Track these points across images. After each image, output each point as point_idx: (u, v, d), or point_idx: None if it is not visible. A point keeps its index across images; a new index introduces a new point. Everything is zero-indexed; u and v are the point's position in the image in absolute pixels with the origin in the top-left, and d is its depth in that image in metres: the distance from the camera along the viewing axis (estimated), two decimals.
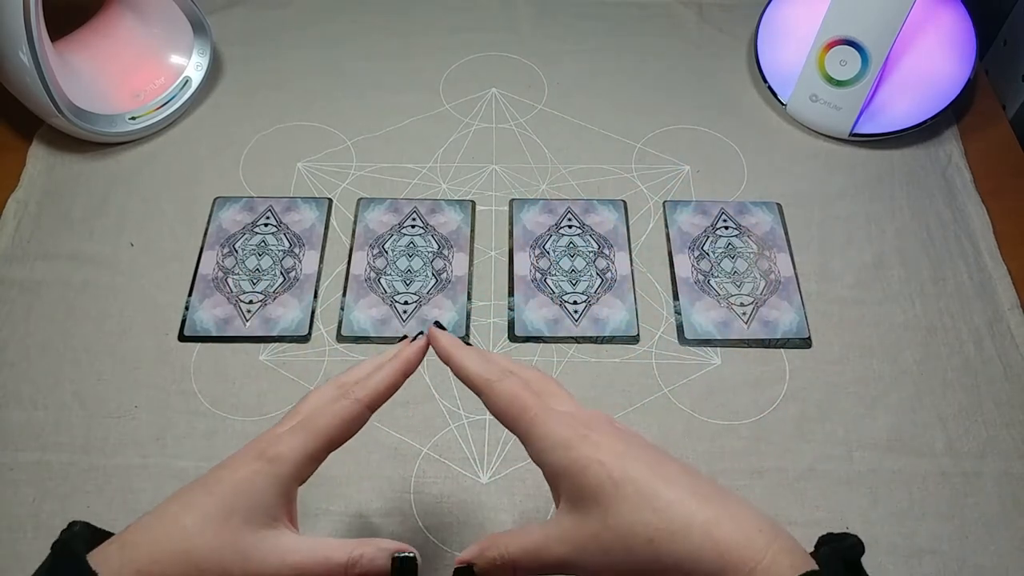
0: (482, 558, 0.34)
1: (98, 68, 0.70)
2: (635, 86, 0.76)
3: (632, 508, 0.31)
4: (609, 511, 0.31)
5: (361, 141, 0.71)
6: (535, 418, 0.35)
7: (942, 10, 0.69)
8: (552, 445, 0.34)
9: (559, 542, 0.33)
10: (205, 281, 0.62)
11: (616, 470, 0.32)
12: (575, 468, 0.33)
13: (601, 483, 0.32)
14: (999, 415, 0.56)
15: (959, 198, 0.68)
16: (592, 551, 0.32)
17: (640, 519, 0.31)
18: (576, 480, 0.32)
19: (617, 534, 0.31)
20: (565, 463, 0.33)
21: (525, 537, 0.33)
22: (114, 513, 0.51)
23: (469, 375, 0.37)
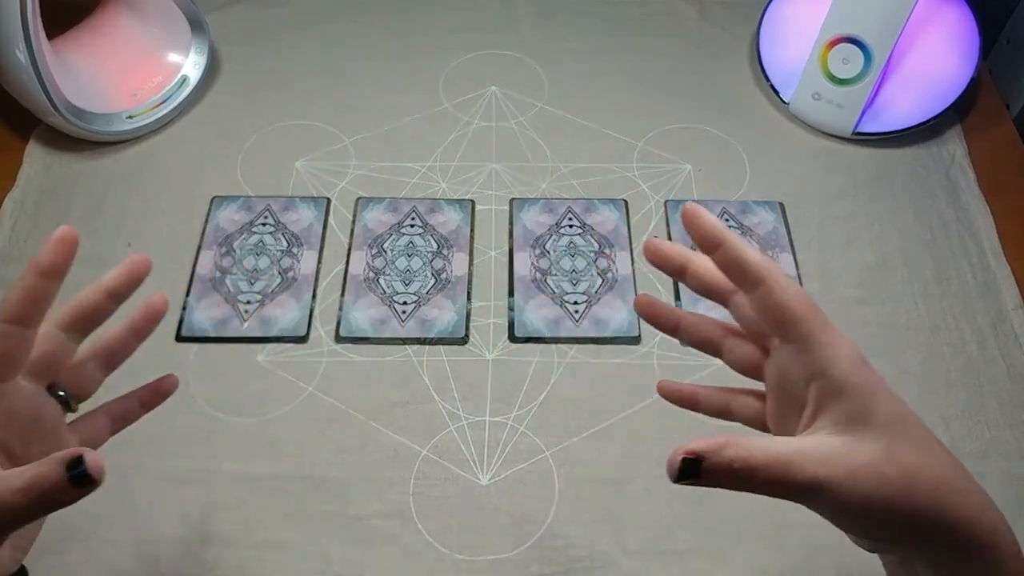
0: (718, 455, 0.28)
1: (95, 67, 0.69)
2: (636, 85, 0.76)
3: (922, 451, 0.29)
4: (899, 444, 0.29)
5: (360, 140, 0.71)
6: (827, 322, 0.31)
7: (945, 8, 0.69)
8: (843, 356, 0.30)
9: (820, 462, 0.29)
10: (202, 281, 0.62)
11: (905, 412, 0.30)
12: (868, 388, 0.30)
13: (895, 413, 0.30)
14: (1002, 415, 0.56)
15: (962, 197, 0.68)
16: (865, 479, 0.28)
17: (930, 463, 0.29)
18: (866, 401, 0.29)
19: (903, 469, 0.29)
20: (856, 380, 0.30)
21: (773, 445, 0.29)
22: (111, 514, 0.51)
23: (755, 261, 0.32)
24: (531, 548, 0.51)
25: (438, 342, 0.59)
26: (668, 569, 0.50)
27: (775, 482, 0.29)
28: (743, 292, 0.33)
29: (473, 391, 0.57)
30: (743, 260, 0.32)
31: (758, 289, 0.32)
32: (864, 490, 0.28)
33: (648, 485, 0.53)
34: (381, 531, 0.51)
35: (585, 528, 0.51)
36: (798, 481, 0.28)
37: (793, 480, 0.28)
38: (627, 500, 0.52)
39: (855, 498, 0.28)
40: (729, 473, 0.28)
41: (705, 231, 0.33)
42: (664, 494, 0.53)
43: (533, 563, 0.50)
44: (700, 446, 0.28)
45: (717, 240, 0.33)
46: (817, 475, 0.28)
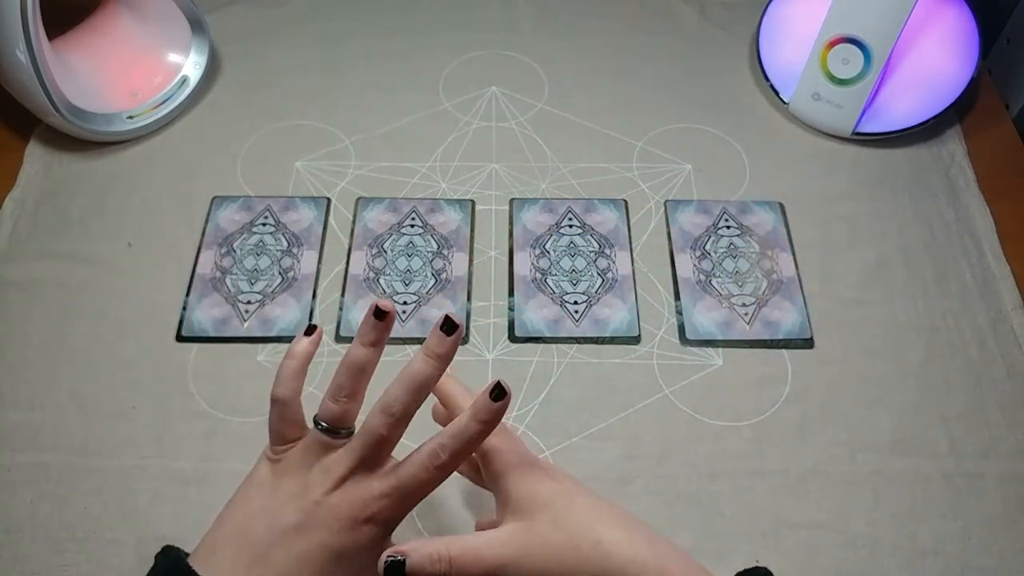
0: (417, 552, 0.34)
1: (96, 67, 0.69)
2: (636, 85, 0.76)
3: (583, 515, 0.35)
4: (560, 515, 0.35)
5: (360, 140, 0.71)
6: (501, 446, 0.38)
7: (945, 8, 0.69)
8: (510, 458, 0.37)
9: (502, 544, 0.35)
10: (203, 281, 0.62)
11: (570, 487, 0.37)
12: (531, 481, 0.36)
13: (555, 493, 0.36)
14: (1002, 416, 0.56)
15: (962, 197, 0.68)
16: (538, 552, 0.34)
17: (589, 524, 0.35)
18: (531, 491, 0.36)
19: (567, 535, 0.34)
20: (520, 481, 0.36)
21: (466, 538, 0.35)
22: (112, 514, 0.51)
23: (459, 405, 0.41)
24: None
25: None
26: None
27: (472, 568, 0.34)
28: None
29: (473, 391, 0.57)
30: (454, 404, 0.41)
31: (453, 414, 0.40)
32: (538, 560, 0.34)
33: (648, 485, 0.53)
34: None
35: None
36: (489, 563, 0.34)
37: (486, 562, 0.34)
38: (627, 500, 0.52)
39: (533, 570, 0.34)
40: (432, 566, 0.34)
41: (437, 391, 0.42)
42: (664, 494, 0.53)
43: None
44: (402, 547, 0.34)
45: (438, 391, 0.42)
46: (502, 555, 0.34)
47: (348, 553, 0.36)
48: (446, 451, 0.36)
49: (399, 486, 0.36)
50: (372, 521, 0.36)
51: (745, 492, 0.53)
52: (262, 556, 0.35)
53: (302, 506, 0.36)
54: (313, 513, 0.36)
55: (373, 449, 0.37)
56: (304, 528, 0.36)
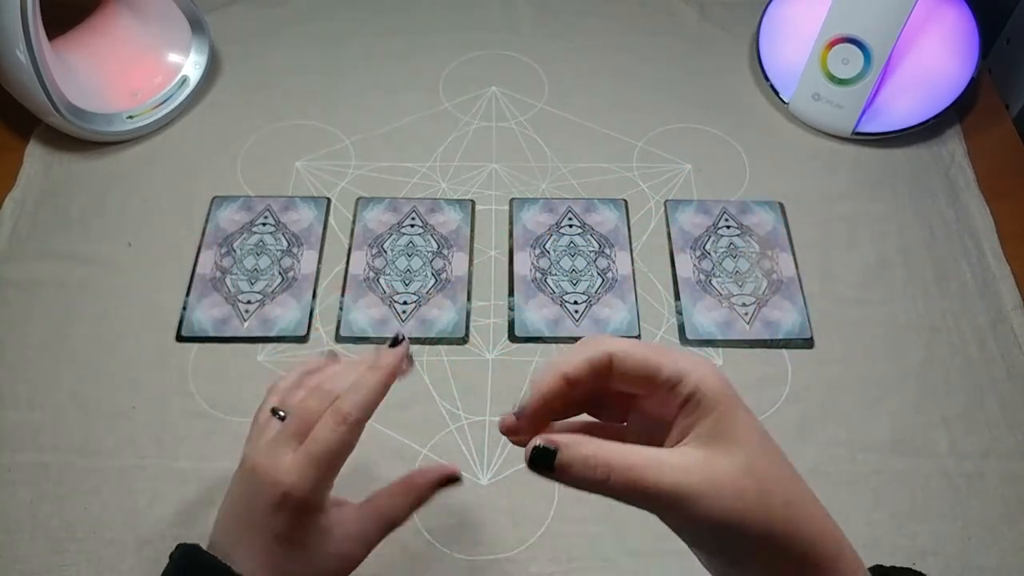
0: (573, 449, 0.28)
1: (96, 67, 0.69)
2: (636, 85, 0.76)
3: (777, 468, 0.30)
4: (755, 460, 0.29)
5: (360, 140, 0.71)
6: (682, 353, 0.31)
7: (945, 8, 0.69)
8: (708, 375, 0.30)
9: (680, 470, 0.28)
10: (203, 281, 0.62)
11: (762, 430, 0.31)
12: (731, 404, 0.30)
13: (751, 430, 0.30)
14: (1002, 416, 0.56)
15: (962, 197, 0.68)
16: (721, 491, 0.28)
17: (782, 479, 0.30)
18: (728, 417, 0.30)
19: (759, 484, 0.29)
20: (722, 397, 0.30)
21: (633, 449, 0.29)
22: (112, 514, 0.51)
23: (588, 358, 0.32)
24: (531, 548, 0.51)
25: (438, 342, 0.59)
26: (668, 569, 0.50)
27: (633, 484, 0.28)
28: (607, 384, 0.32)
29: (473, 391, 0.57)
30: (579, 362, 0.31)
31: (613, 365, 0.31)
32: (723, 502, 0.28)
33: None
34: None
35: (585, 528, 0.51)
36: (658, 486, 0.28)
37: (653, 485, 0.28)
38: None
39: (714, 510, 0.28)
40: (585, 469, 0.28)
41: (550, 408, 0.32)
42: None
43: (533, 563, 0.50)
44: (556, 438, 0.28)
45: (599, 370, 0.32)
46: (679, 483, 0.28)
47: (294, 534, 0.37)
48: (345, 403, 0.37)
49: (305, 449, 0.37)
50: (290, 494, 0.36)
51: None
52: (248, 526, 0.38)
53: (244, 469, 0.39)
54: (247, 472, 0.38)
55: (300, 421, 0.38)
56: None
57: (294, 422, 0.38)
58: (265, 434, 0.39)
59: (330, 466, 0.37)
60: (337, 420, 0.37)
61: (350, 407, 0.37)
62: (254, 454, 0.38)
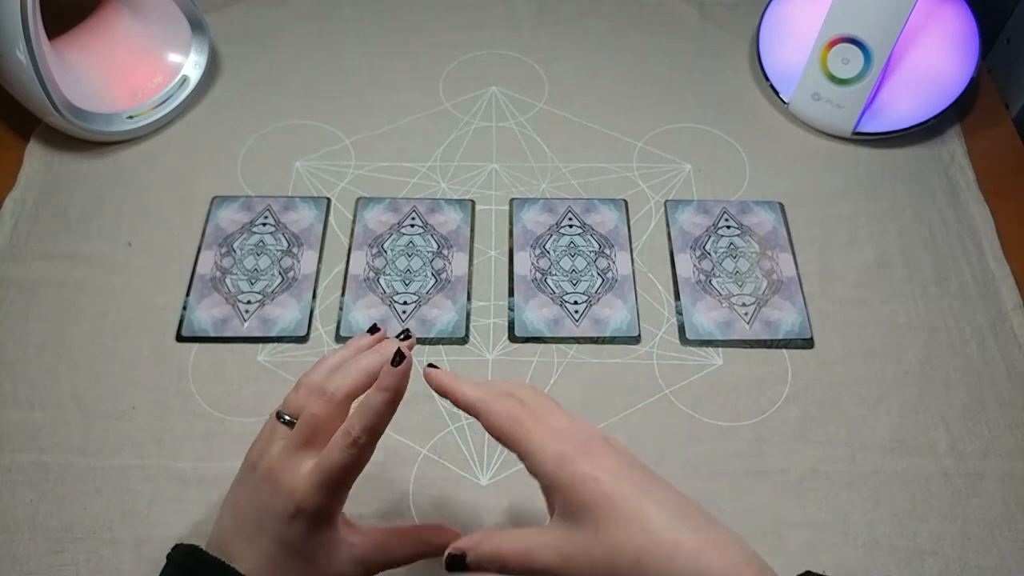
0: (476, 551, 0.35)
1: (95, 67, 0.69)
2: (636, 84, 0.76)
3: (623, 526, 0.32)
4: (600, 526, 0.32)
5: (360, 140, 0.71)
6: (529, 434, 0.36)
7: (945, 8, 0.69)
8: (547, 459, 0.35)
9: (548, 549, 0.34)
10: (203, 281, 0.62)
11: (610, 487, 0.33)
12: (569, 482, 0.34)
13: (595, 499, 0.33)
14: (1002, 416, 0.56)
15: (962, 197, 0.68)
16: (579, 563, 0.33)
17: (629, 537, 0.32)
18: (570, 494, 0.34)
19: (605, 549, 0.32)
20: (560, 477, 0.34)
21: (517, 539, 0.35)
22: (111, 514, 0.51)
23: (467, 401, 0.38)
24: None
25: (438, 342, 0.59)
26: None
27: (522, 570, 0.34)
28: None
29: None
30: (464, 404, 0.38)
31: (480, 419, 0.37)
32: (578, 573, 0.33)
33: None
34: None
35: None
36: (536, 567, 0.34)
37: (533, 566, 0.34)
38: None
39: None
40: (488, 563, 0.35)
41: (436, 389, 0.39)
42: None
43: None
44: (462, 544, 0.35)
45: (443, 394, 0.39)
46: (547, 561, 0.34)
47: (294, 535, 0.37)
48: (355, 427, 0.37)
49: (318, 466, 0.38)
50: (303, 507, 0.37)
51: (745, 492, 0.53)
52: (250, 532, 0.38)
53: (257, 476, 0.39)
54: (260, 479, 0.39)
55: (309, 429, 0.39)
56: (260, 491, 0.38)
57: (303, 432, 0.39)
58: (274, 439, 0.40)
59: (342, 484, 0.38)
60: (347, 443, 0.37)
61: (359, 431, 0.37)
62: (270, 459, 0.39)
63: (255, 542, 0.37)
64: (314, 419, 0.38)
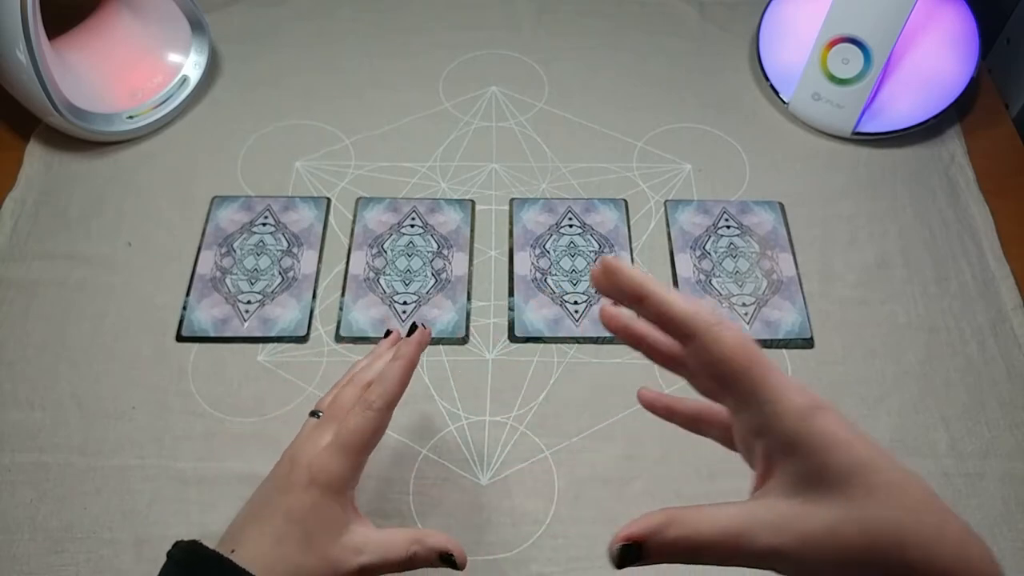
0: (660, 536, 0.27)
1: (95, 67, 0.69)
2: (636, 84, 0.76)
3: (883, 503, 0.26)
4: (855, 501, 0.26)
5: (360, 140, 0.71)
6: (769, 373, 0.28)
7: (945, 8, 0.69)
8: (792, 410, 0.27)
9: (773, 530, 0.27)
10: (203, 281, 0.62)
11: (866, 454, 0.27)
12: (818, 443, 0.27)
13: (850, 467, 0.27)
14: (1002, 416, 0.56)
15: (962, 197, 0.68)
16: (822, 545, 0.26)
17: (893, 516, 0.26)
18: (817, 458, 0.27)
19: (862, 529, 0.26)
20: (809, 435, 0.27)
21: (721, 518, 0.27)
22: (111, 514, 0.51)
23: (682, 313, 0.29)
24: (531, 548, 0.51)
25: (438, 342, 0.59)
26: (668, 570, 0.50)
27: (728, 556, 0.27)
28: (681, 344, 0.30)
29: (473, 391, 0.57)
30: (670, 314, 0.29)
31: (692, 343, 0.29)
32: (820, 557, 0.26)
33: (648, 485, 0.53)
34: None
35: (585, 528, 0.51)
36: (752, 551, 0.27)
37: (748, 552, 0.27)
38: (627, 500, 0.52)
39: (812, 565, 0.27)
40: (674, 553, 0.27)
41: (625, 285, 0.30)
42: (664, 494, 0.53)
43: (533, 563, 0.50)
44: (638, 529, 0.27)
45: (638, 293, 0.30)
46: (770, 545, 0.27)
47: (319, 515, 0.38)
48: (372, 392, 0.40)
49: (336, 433, 0.39)
50: (316, 475, 0.38)
51: (745, 492, 0.53)
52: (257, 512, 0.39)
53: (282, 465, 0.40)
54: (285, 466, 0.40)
55: (335, 410, 0.41)
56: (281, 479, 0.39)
57: (328, 413, 0.41)
58: (303, 432, 0.42)
59: (358, 449, 0.39)
60: (364, 407, 0.39)
61: (375, 396, 0.40)
62: (292, 446, 0.41)
63: (263, 523, 0.38)
64: (340, 403, 0.41)
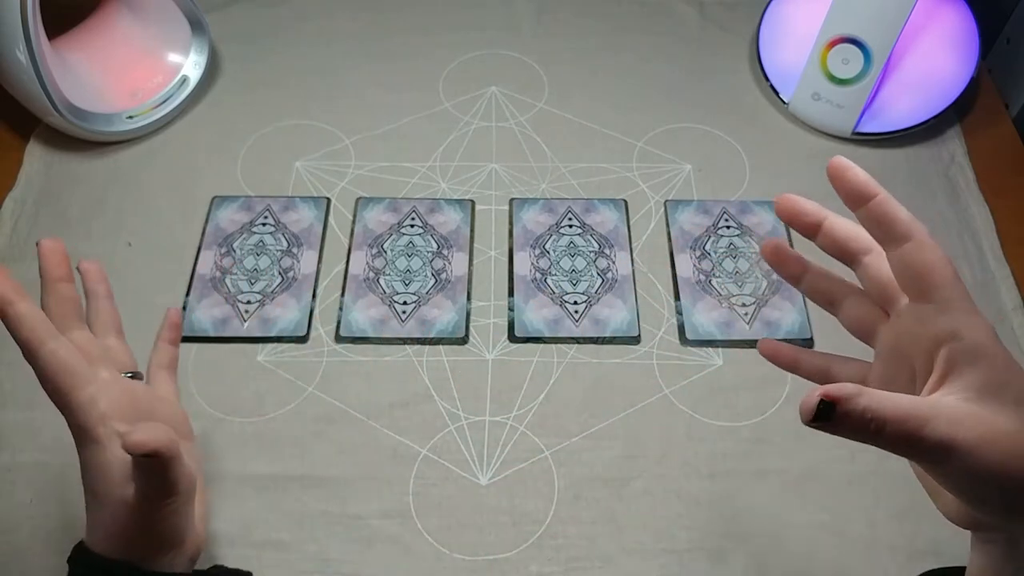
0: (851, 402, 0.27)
1: (95, 67, 0.69)
2: (636, 84, 0.76)
3: None
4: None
5: (360, 140, 0.71)
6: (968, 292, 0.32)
7: (945, 8, 0.69)
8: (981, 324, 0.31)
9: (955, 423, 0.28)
10: (203, 281, 0.62)
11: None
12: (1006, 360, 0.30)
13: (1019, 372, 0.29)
14: None
15: (962, 197, 0.68)
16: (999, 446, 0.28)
17: None
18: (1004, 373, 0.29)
19: None
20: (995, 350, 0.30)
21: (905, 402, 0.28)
22: None
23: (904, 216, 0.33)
24: (531, 548, 0.51)
25: (438, 342, 0.59)
26: (668, 569, 0.50)
27: (906, 438, 0.27)
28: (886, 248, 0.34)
29: (473, 391, 0.57)
30: (895, 215, 0.33)
31: (905, 245, 0.32)
32: (998, 457, 0.28)
33: (648, 485, 0.53)
34: (381, 531, 0.51)
35: (585, 528, 0.51)
36: (931, 440, 0.27)
37: (926, 438, 0.27)
38: (627, 500, 0.52)
39: (987, 463, 0.28)
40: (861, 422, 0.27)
41: (855, 185, 0.34)
42: (664, 494, 0.53)
43: (533, 563, 0.50)
44: (835, 391, 0.28)
45: (869, 194, 0.34)
46: (951, 435, 0.27)
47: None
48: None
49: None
50: None
51: (745, 492, 0.53)
52: None
53: None
54: None
55: None
56: None
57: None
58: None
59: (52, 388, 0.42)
60: None
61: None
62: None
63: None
64: None
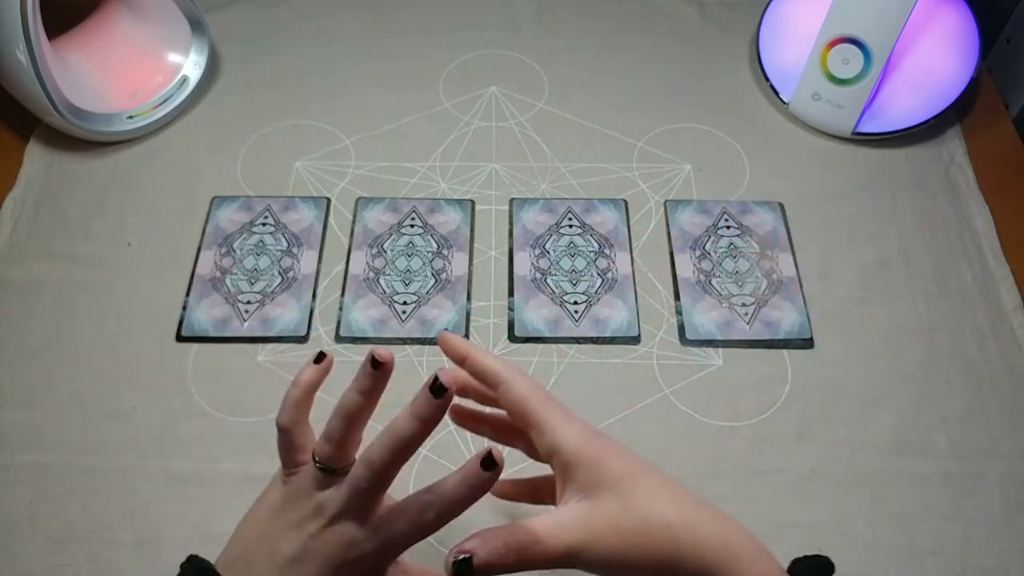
0: (483, 548, 0.32)
1: (95, 67, 0.69)
2: (636, 84, 0.76)
3: (651, 496, 0.34)
4: (629, 498, 0.34)
5: (360, 140, 0.71)
6: (552, 409, 0.36)
7: (945, 8, 0.69)
8: (573, 433, 0.35)
9: (570, 529, 0.33)
10: (203, 281, 0.62)
11: (635, 464, 0.35)
12: (597, 456, 0.35)
13: (622, 472, 0.34)
14: (1002, 416, 0.56)
15: (962, 197, 0.68)
16: (608, 536, 0.33)
17: (659, 505, 0.34)
18: (596, 468, 0.34)
19: (637, 518, 0.33)
20: (588, 451, 0.35)
21: (530, 526, 0.33)
22: (111, 514, 0.51)
23: (488, 367, 0.38)
24: None
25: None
26: None
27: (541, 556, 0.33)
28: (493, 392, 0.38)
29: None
30: (484, 366, 0.38)
31: (499, 388, 0.37)
32: (608, 546, 0.33)
33: None
34: None
35: None
36: (558, 550, 0.33)
37: (555, 550, 0.33)
38: None
39: (605, 555, 0.33)
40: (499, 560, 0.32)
41: (455, 351, 0.39)
42: None
43: None
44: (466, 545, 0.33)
45: (463, 355, 0.39)
46: (572, 541, 0.33)
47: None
48: (432, 510, 0.35)
49: (385, 539, 0.36)
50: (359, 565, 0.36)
51: (745, 492, 0.53)
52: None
53: (298, 538, 0.36)
54: (307, 547, 0.36)
55: (359, 498, 0.36)
56: (299, 559, 0.36)
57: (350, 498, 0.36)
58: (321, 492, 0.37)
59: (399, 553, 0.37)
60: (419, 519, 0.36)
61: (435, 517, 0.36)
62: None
63: None
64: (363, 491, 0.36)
